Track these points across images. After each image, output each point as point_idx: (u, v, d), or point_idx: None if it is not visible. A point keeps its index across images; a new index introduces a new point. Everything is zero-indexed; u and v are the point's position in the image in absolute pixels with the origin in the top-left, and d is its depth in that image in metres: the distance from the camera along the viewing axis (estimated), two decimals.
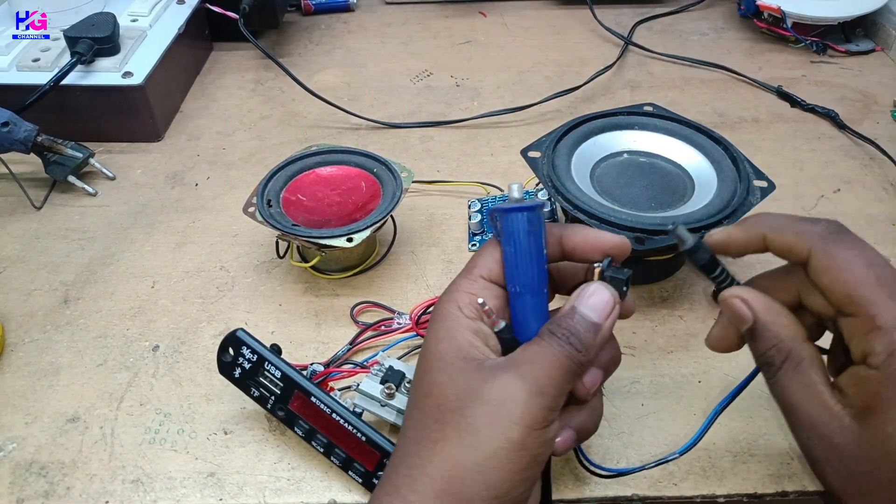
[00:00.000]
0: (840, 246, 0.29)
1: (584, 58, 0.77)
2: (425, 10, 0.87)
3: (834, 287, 0.29)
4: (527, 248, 0.33)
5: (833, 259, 0.29)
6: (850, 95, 0.70)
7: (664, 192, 0.49)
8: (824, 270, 0.29)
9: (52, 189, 0.60)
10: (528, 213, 0.32)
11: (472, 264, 0.34)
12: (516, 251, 0.33)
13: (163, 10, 0.71)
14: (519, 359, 0.31)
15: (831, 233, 0.30)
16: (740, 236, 0.33)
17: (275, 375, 0.39)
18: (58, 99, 0.60)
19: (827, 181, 0.60)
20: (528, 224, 0.33)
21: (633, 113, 0.53)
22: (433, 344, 0.32)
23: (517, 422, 0.29)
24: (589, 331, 0.31)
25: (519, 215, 0.32)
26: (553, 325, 0.32)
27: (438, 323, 0.33)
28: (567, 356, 0.31)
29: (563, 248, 0.34)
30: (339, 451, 0.38)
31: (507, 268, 0.33)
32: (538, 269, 0.33)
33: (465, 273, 0.34)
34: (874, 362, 0.26)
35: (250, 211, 0.48)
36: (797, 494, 0.38)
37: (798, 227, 0.31)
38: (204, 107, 0.70)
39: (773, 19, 0.77)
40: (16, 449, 0.41)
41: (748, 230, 0.33)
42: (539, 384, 0.30)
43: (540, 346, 0.31)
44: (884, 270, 0.28)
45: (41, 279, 0.52)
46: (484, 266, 0.34)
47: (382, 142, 0.65)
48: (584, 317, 0.32)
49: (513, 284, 0.33)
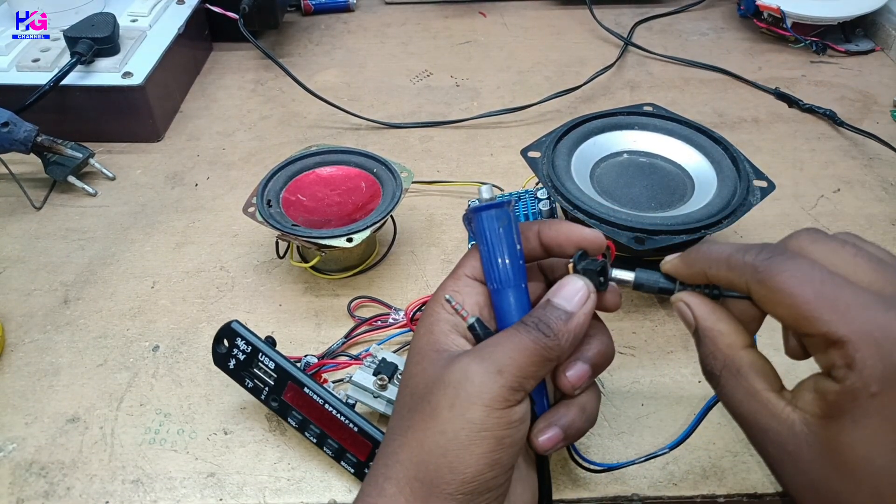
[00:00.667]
0: (774, 273, 0.28)
1: (583, 58, 0.77)
2: (425, 10, 0.87)
3: (782, 314, 0.28)
4: (499, 244, 0.34)
5: (770, 289, 0.28)
6: (849, 95, 0.70)
7: (664, 191, 0.49)
8: (766, 301, 0.28)
9: (51, 189, 0.60)
10: (496, 211, 0.34)
11: (458, 265, 0.36)
12: (489, 249, 0.34)
13: (163, 10, 0.71)
14: (483, 345, 0.32)
15: (763, 261, 0.28)
16: (684, 271, 0.32)
17: (268, 366, 0.40)
18: (58, 99, 0.60)
19: (827, 181, 0.60)
20: (497, 221, 0.34)
21: (633, 113, 0.53)
22: (415, 339, 0.34)
23: (474, 401, 0.30)
24: (560, 318, 0.32)
25: (486, 213, 0.34)
26: (526, 317, 0.32)
27: (423, 320, 0.34)
28: (533, 340, 0.31)
29: (542, 242, 0.35)
30: (332, 442, 0.39)
31: (484, 266, 0.34)
32: (513, 264, 0.34)
33: (451, 273, 0.36)
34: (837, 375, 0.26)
35: (250, 211, 0.48)
36: None
37: (731, 262, 0.30)
38: (204, 107, 0.70)
39: (772, 19, 0.77)
40: (16, 449, 0.41)
41: (690, 266, 0.32)
42: (498, 364, 0.30)
43: (506, 333, 0.32)
44: (822, 284, 0.27)
45: (41, 279, 0.52)
46: (468, 265, 0.35)
47: (382, 142, 0.65)
48: (555, 306, 0.32)
49: (491, 282, 0.34)
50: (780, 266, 0.28)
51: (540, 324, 0.31)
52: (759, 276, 0.28)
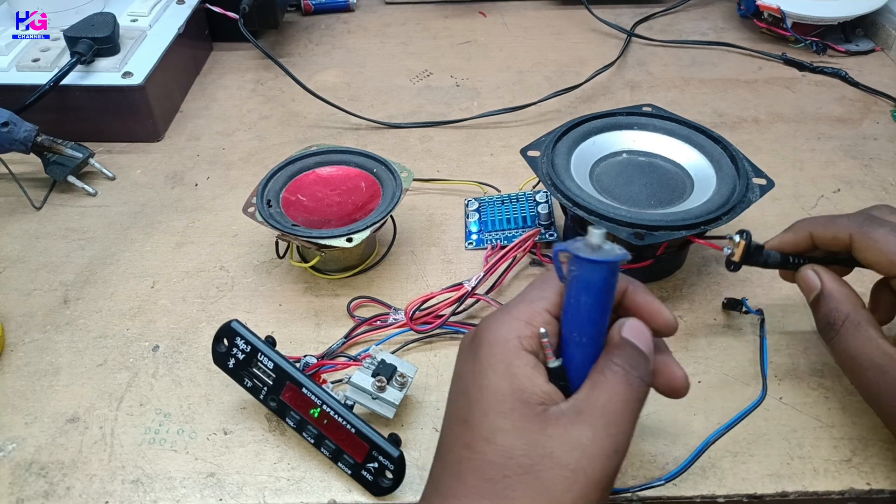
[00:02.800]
0: (873, 227, 0.37)
1: (583, 58, 0.77)
2: (425, 10, 0.87)
3: (878, 259, 0.37)
4: (604, 300, 0.30)
5: (870, 238, 0.37)
6: (849, 95, 0.70)
7: (663, 189, 0.49)
8: (866, 249, 0.37)
9: (51, 189, 0.60)
10: (610, 266, 0.30)
11: (534, 294, 0.32)
12: (593, 302, 0.30)
13: (162, 10, 0.71)
14: (588, 410, 0.29)
15: (865, 219, 0.38)
16: (791, 238, 0.40)
17: (267, 366, 0.40)
18: (57, 99, 0.60)
19: (827, 181, 0.60)
20: (610, 277, 0.30)
21: (633, 113, 0.53)
22: (489, 377, 0.30)
23: (596, 486, 0.28)
24: (648, 365, 0.31)
25: (598, 267, 0.30)
26: (609, 362, 0.31)
27: (494, 350, 0.31)
28: (634, 394, 0.30)
29: (622, 303, 0.33)
30: (330, 443, 0.39)
31: (572, 314, 0.31)
32: (607, 320, 0.31)
33: (524, 301, 0.32)
34: None
35: (250, 211, 0.48)
36: (797, 495, 0.38)
37: (837, 221, 0.39)
38: (204, 107, 0.70)
39: (772, 19, 0.77)
40: (16, 449, 0.41)
41: (797, 232, 0.40)
42: (615, 442, 0.29)
43: (607, 392, 0.30)
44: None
45: (41, 279, 0.52)
46: (548, 300, 0.32)
47: (382, 142, 0.65)
48: (634, 346, 0.31)
49: (578, 333, 0.31)
50: (878, 222, 0.37)
51: (632, 371, 0.30)
52: (863, 229, 0.37)
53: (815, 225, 0.40)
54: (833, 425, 0.41)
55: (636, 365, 0.31)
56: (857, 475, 0.39)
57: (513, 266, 0.50)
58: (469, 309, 0.48)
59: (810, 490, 0.38)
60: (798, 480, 0.39)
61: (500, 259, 0.48)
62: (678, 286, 0.50)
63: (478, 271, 0.48)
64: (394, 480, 0.37)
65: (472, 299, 0.47)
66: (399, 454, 0.37)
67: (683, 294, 0.50)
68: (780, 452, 0.40)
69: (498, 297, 0.49)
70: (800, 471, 0.39)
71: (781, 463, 0.40)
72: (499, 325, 0.32)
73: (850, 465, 0.39)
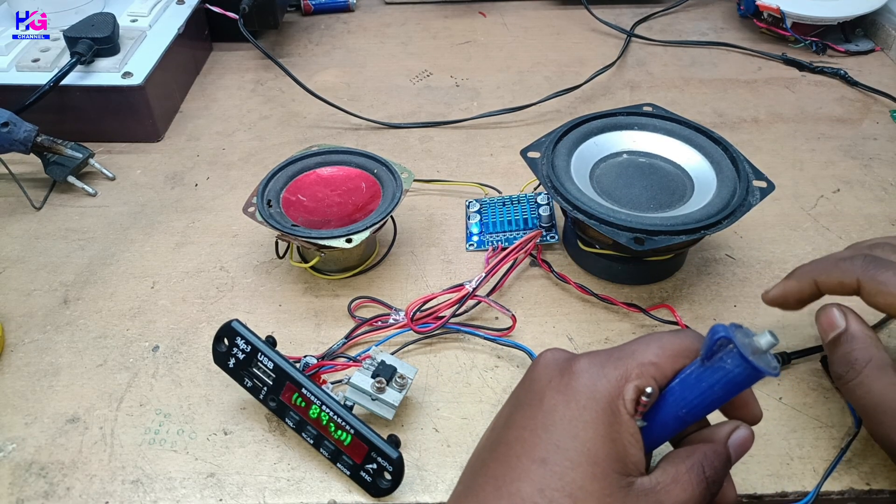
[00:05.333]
0: (879, 270, 0.36)
1: (583, 58, 0.77)
2: (425, 10, 0.87)
3: (890, 302, 0.35)
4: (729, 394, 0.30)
5: (879, 283, 0.35)
6: (849, 95, 0.70)
7: (664, 192, 0.49)
8: (877, 294, 0.36)
9: (51, 189, 0.60)
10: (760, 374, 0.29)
11: (644, 355, 0.31)
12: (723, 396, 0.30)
13: (162, 10, 0.71)
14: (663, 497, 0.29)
15: (869, 263, 0.36)
16: (795, 287, 0.39)
17: (267, 366, 0.40)
18: (57, 99, 0.60)
19: (826, 181, 0.60)
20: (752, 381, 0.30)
21: (633, 113, 0.53)
22: (588, 432, 0.29)
23: None
24: (726, 468, 0.31)
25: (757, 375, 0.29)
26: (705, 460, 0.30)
27: (597, 405, 0.30)
28: (703, 499, 0.30)
29: None
30: (329, 444, 0.39)
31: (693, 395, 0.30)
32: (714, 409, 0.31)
33: (632, 357, 0.31)
34: None
35: (250, 211, 0.48)
36: (797, 495, 0.38)
37: (842, 266, 0.37)
38: (204, 107, 0.70)
39: (772, 19, 0.77)
40: (16, 449, 0.41)
41: (800, 280, 0.39)
42: None
43: (685, 491, 0.29)
44: None
45: (41, 279, 0.52)
46: (658, 367, 0.31)
47: (382, 142, 0.65)
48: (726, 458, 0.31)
49: (687, 412, 0.30)
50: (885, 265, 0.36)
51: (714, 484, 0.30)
52: (869, 273, 0.36)
53: (818, 272, 0.38)
54: (833, 425, 0.41)
55: (720, 471, 0.30)
56: (856, 476, 0.39)
57: (514, 268, 0.50)
58: (470, 311, 0.48)
59: (809, 490, 0.38)
60: (798, 481, 0.39)
61: (502, 261, 0.48)
62: (678, 286, 0.50)
63: (478, 272, 0.48)
64: (392, 482, 0.37)
65: (472, 301, 0.47)
66: (398, 456, 0.37)
67: (683, 294, 0.50)
68: (780, 452, 0.40)
69: (499, 298, 0.49)
70: (800, 471, 0.39)
71: (781, 463, 0.40)
72: (602, 378, 0.30)
73: (850, 466, 0.39)
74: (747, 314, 0.48)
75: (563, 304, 0.49)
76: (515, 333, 0.47)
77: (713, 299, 0.49)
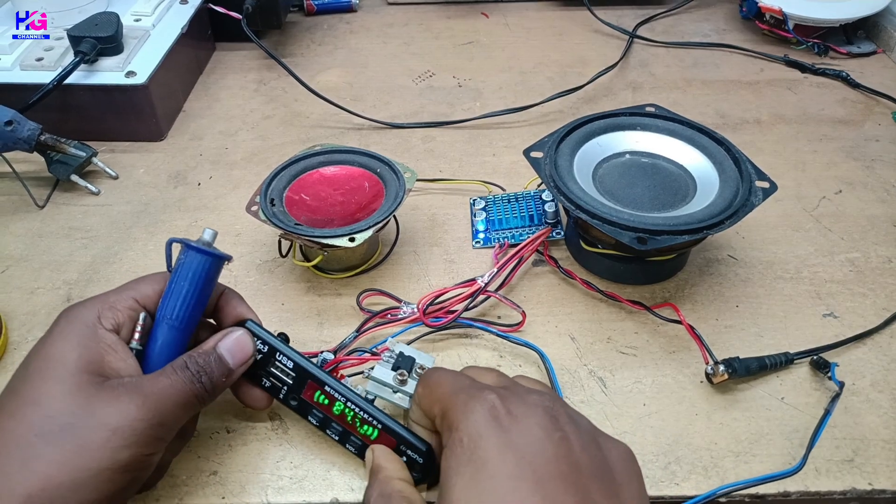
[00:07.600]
0: None
1: (585, 58, 0.77)
2: (427, 10, 0.87)
3: None
4: (200, 290, 0.36)
5: None
6: (851, 97, 0.70)
7: (666, 192, 0.49)
8: None
9: (54, 188, 0.60)
10: (215, 260, 0.36)
11: (127, 285, 0.37)
12: (189, 289, 0.35)
13: (166, 9, 0.71)
14: (146, 388, 0.32)
15: None
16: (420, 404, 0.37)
17: (287, 366, 0.39)
18: (61, 98, 0.61)
19: (829, 182, 0.60)
20: (212, 270, 0.36)
21: (636, 114, 0.53)
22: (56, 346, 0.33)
23: (130, 447, 0.31)
24: (222, 374, 0.35)
25: (206, 258, 0.35)
26: (189, 359, 0.34)
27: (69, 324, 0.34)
28: (195, 394, 0.33)
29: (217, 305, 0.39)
30: (356, 439, 0.38)
31: (170, 298, 0.36)
32: (200, 312, 0.36)
33: (115, 290, 0.36)
34: None
35: (253, 210, 0.48)
36: (799, 495, 0.39)
37: None
38: (207, 106, 0.70)
39: (774, 21, 0.77)
40: None
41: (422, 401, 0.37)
42: (161, 417, 0.32)
43: (171, 380, 0.33)
44: None
45: (44, 278, 0.52)
46: (139, 291, 0.36)
47: (385, 142, 0.65)
48: (221, 358, 0.35)
49: (170, 316, 0.35)
50: None
51: (203, 377, 0.34)
52: None
53: None
54: (835, 425, 0.41)
55: (211, 373, 0.34)
56: (859, 475, 0.39)
57: (520, 265, 0.50)
58: (479, 306, 0.48)
59: (812, 490, 0.38)
60: (800, 480, 0.39)
61: (512, 257, 0.49)
62: (680, 287, 0.50)
63: (480, 270, 0.48)
64: (423, 472, 0.37)
65: (483, 296, 0.47)
66: (427, 446, 0.37)
67: (685, 294, 0.50)
68: (782, 452, 0.40)
69: (508, 294, 0.49)
70: (801, 471, 0.39)
71: (783, 463, 0.40)
72: (81, 306, 0.35)
73: (853, 465, 0.39)
74: (749, 314, 0.48)
75: (566, 302, 0.49)
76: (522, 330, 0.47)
77: (715, 299, 0.49)
